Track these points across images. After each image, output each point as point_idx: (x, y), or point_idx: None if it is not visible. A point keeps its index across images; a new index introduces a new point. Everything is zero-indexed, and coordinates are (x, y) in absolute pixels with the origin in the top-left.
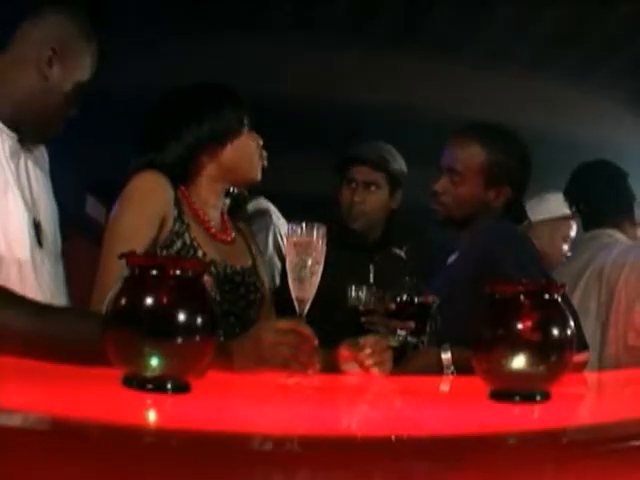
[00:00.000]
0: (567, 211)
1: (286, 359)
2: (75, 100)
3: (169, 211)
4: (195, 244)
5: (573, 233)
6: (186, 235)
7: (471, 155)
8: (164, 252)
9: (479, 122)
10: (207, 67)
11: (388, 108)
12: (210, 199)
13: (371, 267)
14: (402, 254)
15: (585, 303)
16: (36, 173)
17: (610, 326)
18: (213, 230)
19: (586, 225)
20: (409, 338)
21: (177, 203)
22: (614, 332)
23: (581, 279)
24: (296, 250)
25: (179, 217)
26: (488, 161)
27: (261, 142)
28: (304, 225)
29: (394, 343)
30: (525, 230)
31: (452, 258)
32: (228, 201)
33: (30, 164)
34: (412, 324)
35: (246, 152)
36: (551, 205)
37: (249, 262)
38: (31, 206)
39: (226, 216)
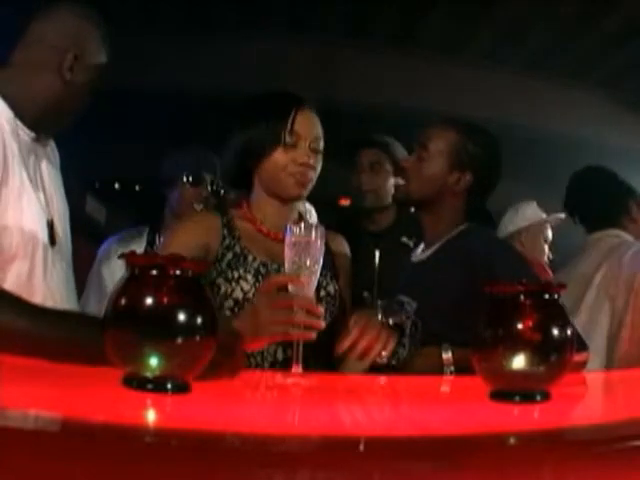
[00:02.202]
0: (544, 216)
1: (285, 326)
2: (92, 88)
3: (213, 236)
4: (245, 251)
5: (551, 236)
6: (237, 246)
7: (442, 136)
8: (217, 264)
9: (465, 119)
10: (206, 68)
11: (387, 108)
12: (267, 207)
13: (377, 252)
14: (410, 244)
15: (598, 304)
16: (50, 171)
17: (625, 326)
18: (272, 235)
19: (590, 229)
20: (387, 359)
21: (227, 224)
22: (630, 332)
23: (593, 280)
24: (295, 250)
25: (229, 234)
26: (456, 144)
27: (308, 160)
28: (302, 225)
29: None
30: (510, 239)
31: (421, 255)
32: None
33: (44, 162)
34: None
35: (275, 167)
36: (528, 212)
37: None
38: (45, 206)
39: (303, 222)
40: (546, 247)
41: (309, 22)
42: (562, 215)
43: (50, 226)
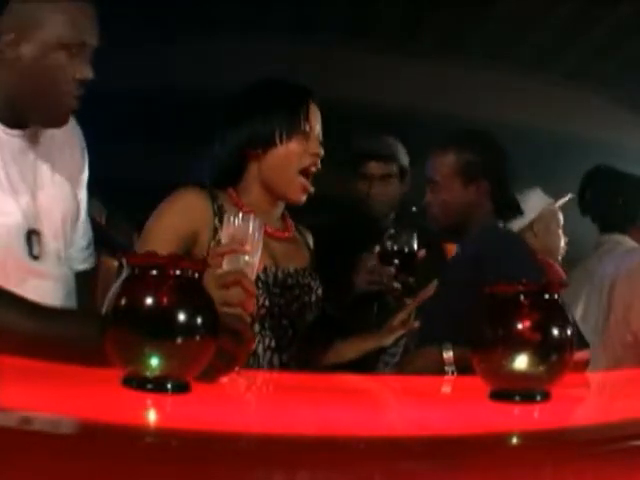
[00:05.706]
0: (550, 201)
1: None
2: (71, 60)
3: (203, 224)
4: None
5: (562, 220)
6: None
7: (444, 162)
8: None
9: (455, 130)
10: (207, 68)
11: (388, 108)
12: (261, 204)
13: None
14: None
15: (589, 305)
16: (56, 170)
17: (609, 327)
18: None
19: (598, 230)
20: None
21: (218, 211)
22: (614, 333)
23: (587, 282)
24: (232, 241)
25: (221, 225)
26: (458, 162)
27: (319, 150)
28: (240, 216)
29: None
30: (523, 232)
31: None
32: None
33: (41, 161)
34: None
35: (281, 165)
36: (535, 201)
37: (305, 263)
38: (31, 213)
39: (289, 220)
40: (560, 231)
41: (309, 22)
42: (570, 195)
43: (28, 237)
